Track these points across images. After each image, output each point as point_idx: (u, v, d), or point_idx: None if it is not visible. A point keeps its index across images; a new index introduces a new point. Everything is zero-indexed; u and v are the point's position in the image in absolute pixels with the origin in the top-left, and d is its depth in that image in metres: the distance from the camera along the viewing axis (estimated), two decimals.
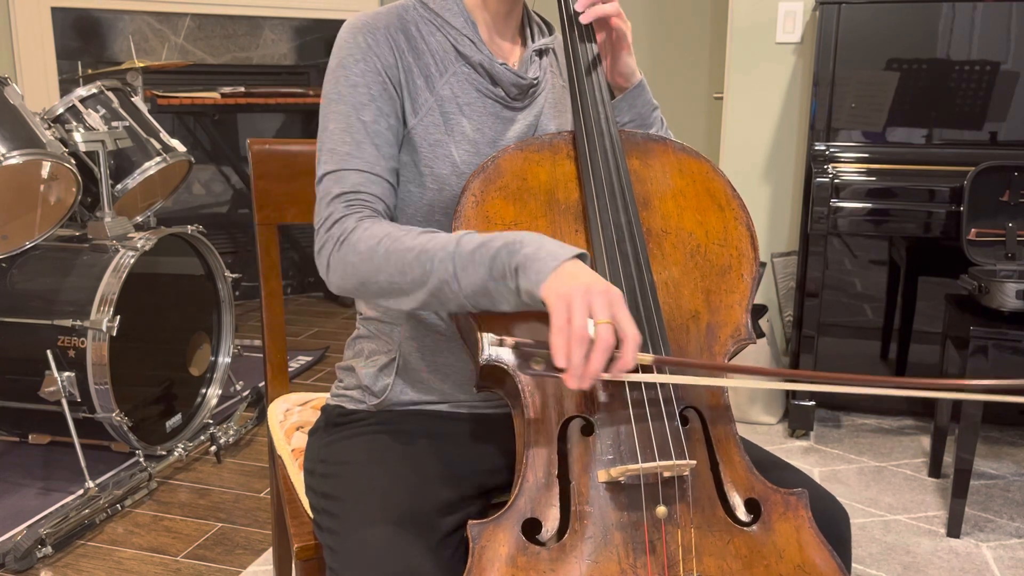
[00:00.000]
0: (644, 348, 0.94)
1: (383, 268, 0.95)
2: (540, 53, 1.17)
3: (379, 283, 0.96)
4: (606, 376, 0.86)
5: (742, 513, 0.95)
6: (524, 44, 1.18)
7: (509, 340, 0.89)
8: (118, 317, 2.18)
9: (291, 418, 1.39)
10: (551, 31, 1.22)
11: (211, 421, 2.61)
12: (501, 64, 1.10)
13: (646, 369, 0.91)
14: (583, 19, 1.08)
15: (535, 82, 1.14)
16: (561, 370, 0.85)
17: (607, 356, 0.84)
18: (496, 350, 0.93)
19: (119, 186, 2.53)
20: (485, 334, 0.90)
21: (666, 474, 0.91)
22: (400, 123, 1.07)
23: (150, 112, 2.71)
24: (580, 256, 0.89)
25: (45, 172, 2.25)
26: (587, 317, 0.84)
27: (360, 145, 1.04)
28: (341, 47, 1.07)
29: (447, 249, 0.91)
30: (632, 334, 0.85)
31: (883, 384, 0.89)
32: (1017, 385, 0.84)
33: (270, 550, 2.00)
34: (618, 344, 0.85)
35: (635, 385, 0.93)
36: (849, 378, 0.88)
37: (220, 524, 2.13)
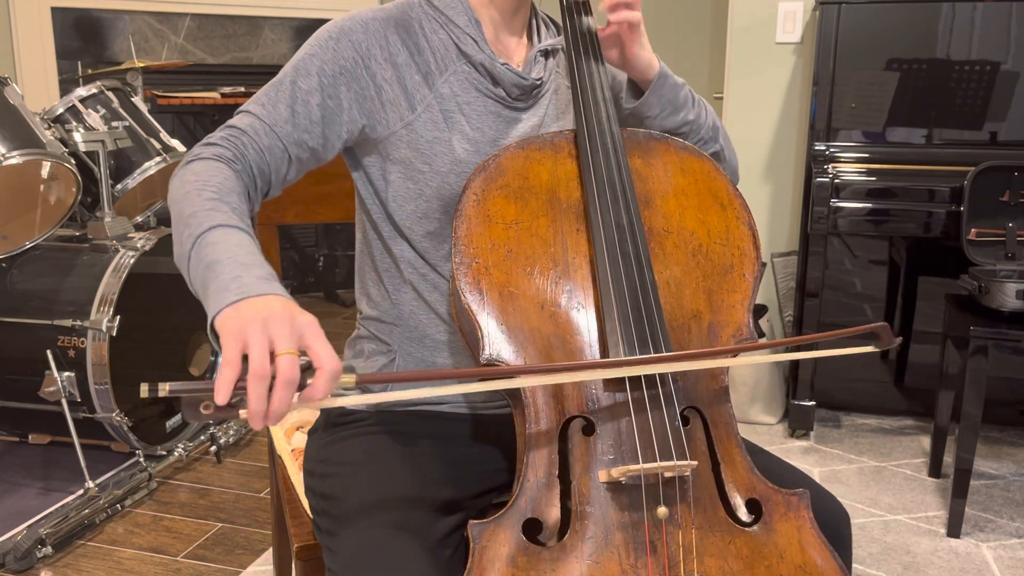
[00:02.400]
0: (644, 347, 0.93)
1: (175, 204, 0.95)
2: (546, 53, 1.17)
3: (172, 218, 0.95)
4: (295, 408, 0.77)
5: (743, 513, 0.95)
6: (531, 43, 1.18)
7: (164, 388, 0.75)
8: (118, 317, 2.18)
9: (291, 418, 1.38)
10: (559, 31, 1.21)
11: (211, 421, 2.60)
12: (503, 64, 1.10)
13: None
14: (611, 18, 1.07)
15: (538, 83, 1.13)
16: (236, 408, 0.75)
17: (291, 390, 0.75)
18: (489, 338, 0.92)
19: (119, 186, 2.53)
20: (144, 387, 0.77)
21: (667, 474, 0.91)
22: (341, 109, 1.06)
23: (150, 112, 2.70)
24: (276, 294, 0.81)
25: (45, 172, 2.25)
26: (266, 350, 0.75)
27: (277, 103, 1.05)
28: (333, 23, 1.08)
29: (201, 227, 0.89)
30: (328, 363, 0.77)
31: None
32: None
33: (270, 550, 1.99)
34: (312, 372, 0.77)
35: (636, 385, 0.93)
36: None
37: (220, 524, 2.13)
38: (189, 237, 0.89)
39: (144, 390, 0.75)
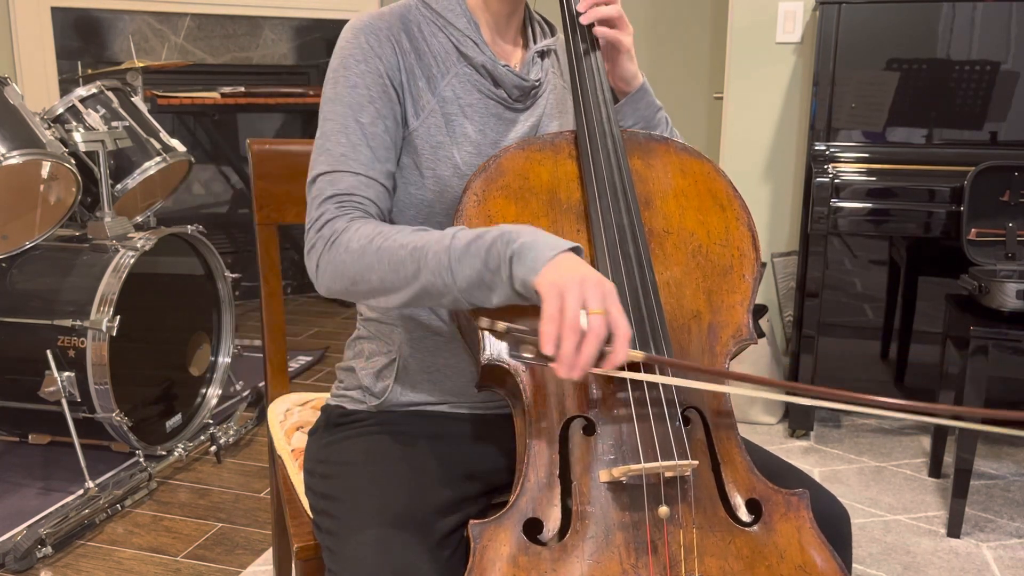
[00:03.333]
0: (644, 347, 0.94)
1: (375, 265, 0.95)
2: (542, 54, 1.17)
3: (370, 281, 0.96)
4: (596, 370, 0.85)
5: (743, 513, 0.95)
6: (526, 45, 1.18)
7: (501, 324, 0.88)
8: (118, 317, 2.18)
9: (291, 418, 1.38)
10: (553, 32, 1.21)
11: (211, 421, 2.60)
12: (504, 66, 1.10)
13: (636, 367, 0.91)
14: (583, 20, 1.08)
15: (537, 84, 1.14)
16: (551, 359, 0.84)
17: (598, 347, 0.84)
18: (489, 338, 0.93)
19: (119, 186, 2.53)
20: (481, 318, 0.89)
21: (668, 474, 0.91)
22: (399, 126, 1.07)
23: (150, 112, 2.70)
24: (575, 249, 0.88)
25: (45, 172, 2.25)
26: (580, 307, 0.83)
27: (356, 147, 1.03)
28: (343, 47, 1.07)
29: (442, 243, 0.91)
30: (624, 328, 0.85)
31: (878, 404, 0.88)
32: (1010, 415, 0.86)
33: (270, 550, 1.99)
34: (609, 339, 0.85)
35: (637, 385, 0.93)
36: (844, 395, 0.88)
37: (220, 524, 2.13)
38: (436, 254, 0.90)
39: (484, 323, 0.89)
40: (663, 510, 0.89)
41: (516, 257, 0.87)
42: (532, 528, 0.89)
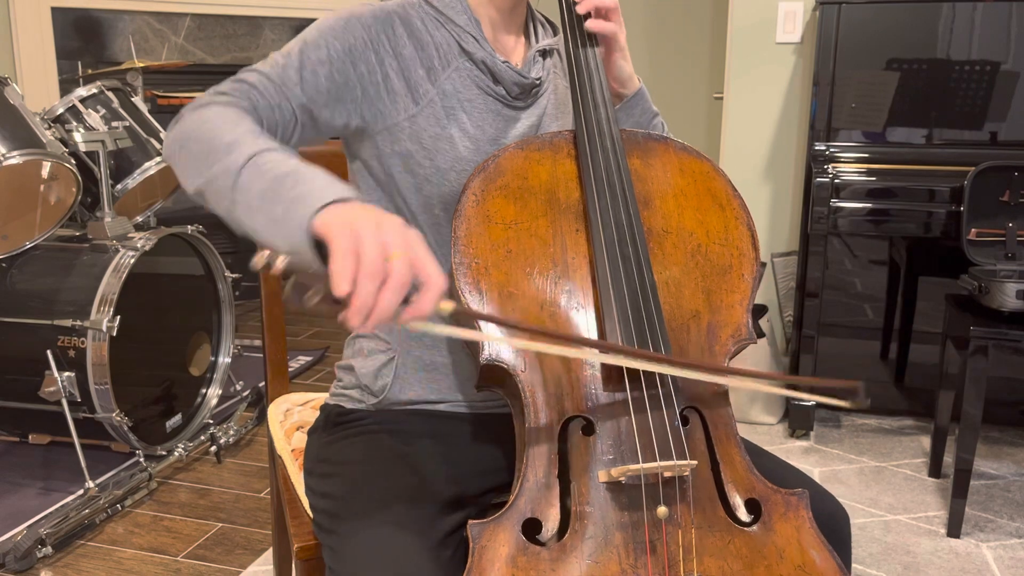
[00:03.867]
0: (643, 347, 0.94)
1: (198, 140, 0.92)
2: (544, 54, 1.17)
3: (185, 152, 0.92)
4: (396, 322, 0.75)
5: (743, 513, 0.95)
6: (528, 43, 1.18)
7: (281, 260, 0.75)
8: (118, 317, 2.18)
9: (291, 418, 1.38)
10: (556, 31, 1.21)
11: (211, 421, 2.61)
12: (504, 62, 1.10)
13: (452, 319, 0.81)
14: (579, 8, 1.08)
15: (537, 82, 1.14)
16: (341, 303, 0.73)
17: (401, 293, 0.74)
18: (496, 344, 0.91)
19: (119, 186, 2.53)
20: (259, 255, 0.77)
21: (667, 474, 0.91)
22: (345, 88, 1.05)
23: (150, 112, 2.71)
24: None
25: (45, 172, 2.25)
26: (379, 250, 0.73)
27: (287, 68, 1.03)
28: (328, 17, 1.08)
29: (253, 147, 0.87)
30: (435, 276, 0.76)
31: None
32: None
33: (270, 550, 1.99)
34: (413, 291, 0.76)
35: (636, 385, 0.93)
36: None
37: (220, 524, 2.13)
38: (237, 158, 0.85)
39: (260, 260, 0.75)
40: (662, 510, 0.89)
41: (298, 199, 0.79)
42: (531, 528, 0.89)
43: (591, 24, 1.08)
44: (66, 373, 2.20)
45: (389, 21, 1.08)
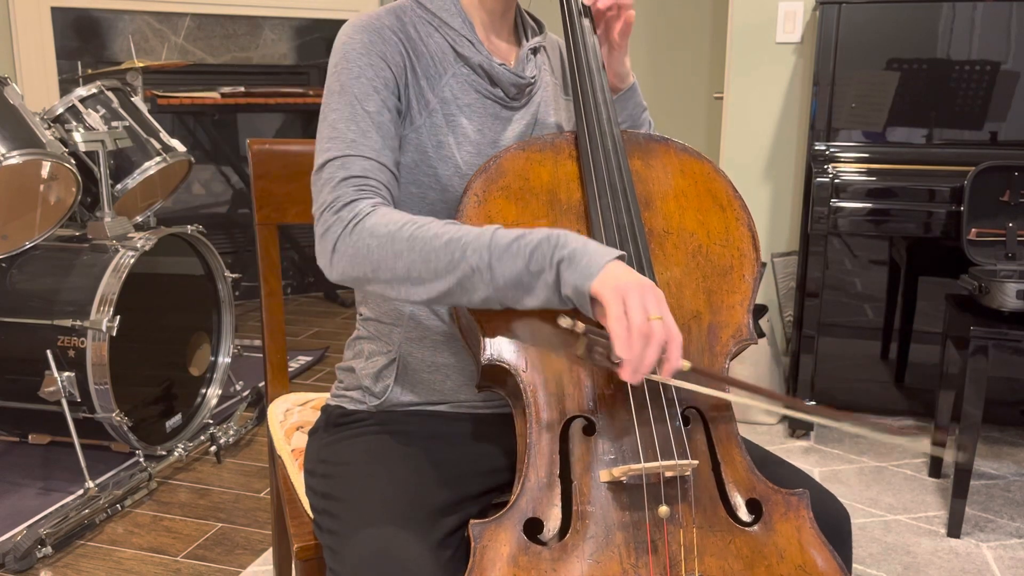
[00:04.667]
0: None
1: (404, 253, 0.92)
2: (535, 51, 1.18)
3: (395, 269, 0.93)
4: (655, 377, 0.87)
5: (743, 513, 0.95)
6: (519, 43, 1.18)
7: (580, 325, 0.88)
8: (118, 317, 2.18)
9: (291, 418, 1.38)
10: (542, 29, 1.22)
11: (211, 421, 2.61)
12: (500, 64, 1.10)
13: (681, 375, 0.91)
14: (601, 4, 1.08)
15: (533, 81, 1.14)
16: (617, 364, 0.85)
17: (660, 352, 0.85)
18: (489, 339, 0.93)
19: (119, 186, 2.53)
20: (563, 317, 0.89)
21: (668, 474, 0.91)
22: (400, 118, 1.06)
23: (150, 112, 2.70)
24: (622, 257, 0.89)
25: (45, 172, 2.25)
26: (644, 314, 0.84)
27: (366, 133, 1.01)
28: (344, 43, 1.07)
29: (481, 239, 0.90)
30: (678, 335, 0.87)
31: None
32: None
33: (270, 550, 2.00)
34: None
35: (638, 384, 0.93)
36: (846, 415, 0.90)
37: (220, 524, 2.13)
38: (476, 250, 0.89)
39: (565, 322, 0.88)
40: (663, 510, 0.89)
41: (566, 262, 0.87)
42: (532, 528, 0.89)
43: (604, 7, 1.09)
44: (66, 373, 2.20)
45: (393, 37, 1.07)
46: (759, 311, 2.89)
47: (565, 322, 0.88)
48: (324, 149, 1.02)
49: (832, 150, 2.60)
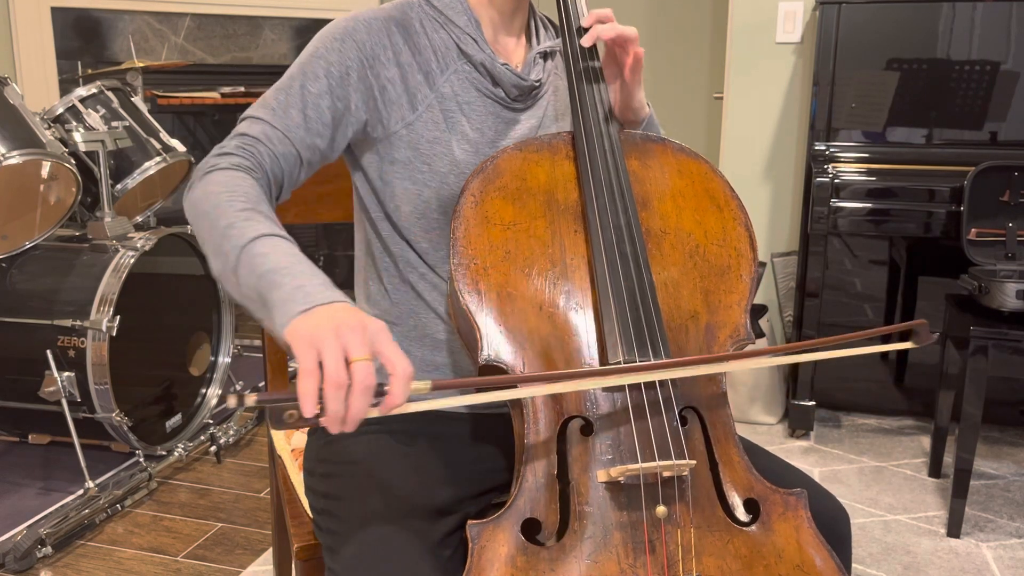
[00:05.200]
0: (641, 348, 0.94)
1: (206, 215, 0.93)
2: (545, 55, 1.17)
3: (199, 228, 0.94)
4: (375, 413, 0.78)
5: (741, 513, 0.95)
6: (530, 45, 1.18)
7: (250, 398, 0.76)
8: (118, 317, 2.18)
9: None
10: (558, 33, 1.21)
11: (211, 421, 2.61)
12: (503, 64, 1.10)
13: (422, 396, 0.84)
14: (605, 37, 1.05)
15: (536, 85, 1.14)
16: (317, 418, 0.76)
17: (368, 396, 0.76)
18: (488, 338, 0.91)
19: (119, 186, 2.53)
20: (230, 398, 0.78)
21: (666, 474, 0.91)
22: (352, 113, 1.06)
23: (150, 112, 2.71)
24: (341, 302, 0.82)
25: (45, 172, 2.25)
26: (341, 358, 0.76)
27: (288, 108, 1.03)
28: (328, 28, 1.08)
29: (242, 240, 0.88)
30: (401, 366, 0.78)
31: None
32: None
33: (270, 550, 2.00)
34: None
35: (634, 385, 0.93)
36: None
37: (220, 524, 2.13)
38: (233, 248, 0.88)
39: (232, 401, 0.77)
40: (661, 510, 0.89)
41: (274, 307, 0.82)
42: (530, 528, 0.89)
43: (616, 51, 1.06)
44: (66, 373, 2.20)
45: (386, 29, 1.08)
46: (759, 311, 2.90)
47: (231, 401, 0.78)
48: (253, 106, 1.06)
49: (832, 150, 2.59)
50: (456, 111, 1.09)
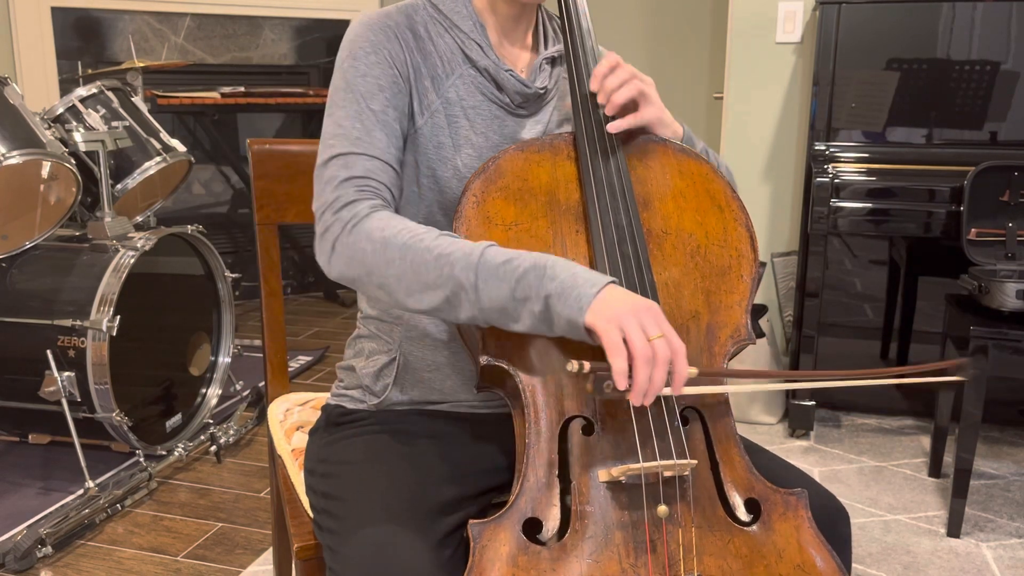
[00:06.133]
0: None
1: (396, 261, 0.93)
2: (553, 61, 1.16)
3: (387, 276, 0.94)
4: (667, 391, 0.87)
5: (742, 513, 0.95)
6: (537, 50, 1.17)
7: (586, 365, 0.87)
8: (118, 317, 2.18)
9: (291, 418, 1.39)
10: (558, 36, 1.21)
11: (211, 421, 2.61)
12: (507, 70, 1.10)
13: (690, 381, 0.92)
14: (617, 98, 1.04)
15: (542, 91, 1.13)
16: (625, 392, 0.86)
17: (667, 369, 0.86)
18: (495, 346, 0.92)
19: (119, 186, 2.53)
20: (571, 362, 0.88)
21: (667, 474, 0.91)
22: (406, 117, 1.07)
23: (150, 112, 2.71)
24: (613, 281, 0.89)
25: (45, 172, 2.25)
26: (643, 337, 0.84)
27: (371, 132, 1.02)
28: (352, 40, 1.07)
29: (470, 258, 0.90)
30: (681, 346, 0.87)
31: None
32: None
33: (270, 550, 2.00)
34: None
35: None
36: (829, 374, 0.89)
37: (220, 524, 2.13)
38: (463, 269, 0.90)
39: (573, 366, 0.87)
40: (662, 509, 0.89)
41: (556, 297, 0.87)
42: (531, 528, 0.89)
43: (618, 125, 1.05)
44: (66, 373, 2.20)
45: (398, 33, 1.07)
46: (759, 311, 2.90)
47: (572, 367, 0.87)
48: (329, 145, 1.02)
49: (832, 150, 2.60)
50: (460, 116, 1.09)
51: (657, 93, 1.09)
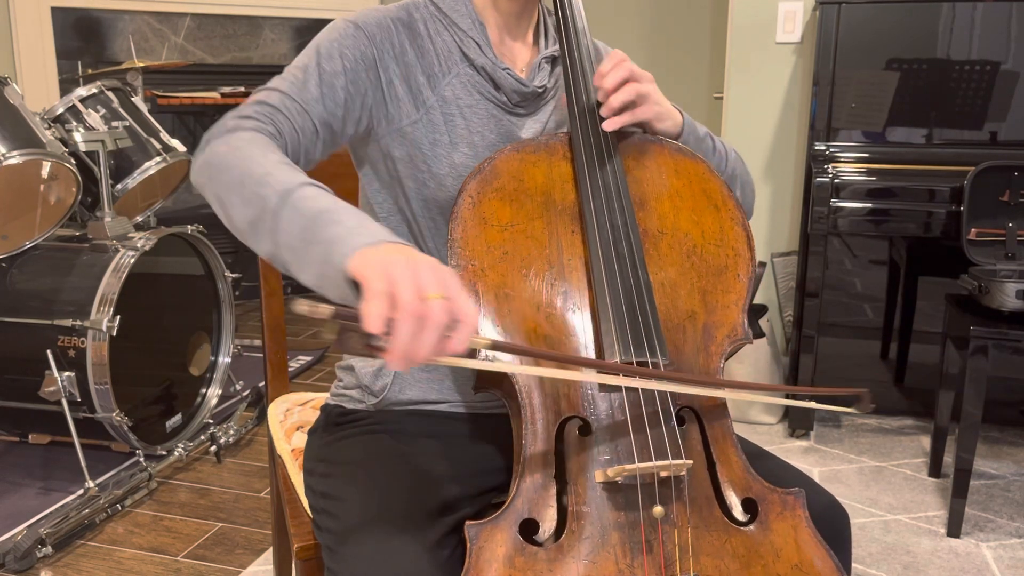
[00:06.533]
0: (638, 349, 0.94)
1: (233, 170, 0.90)
2: (552, 60, 1.16)
3: (220, 184, 0.91)
4: (435, 360, 0.75)
5: (739, 513, 0.95)
6: (537, 49, 1.17)
7: (324, 308, 0.72)
8: (118, 317, 2.18)
9: (291, 418, 1.39)
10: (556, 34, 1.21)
11: (211, 421, 2.61)
12: (505, 69, 1.10)
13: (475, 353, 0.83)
14: (615, 101, 1.04)
15: (539, 91, 1.13)
16: (382, 348, 0.73)
17: (439, 334, 0.73)
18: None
19: (119, 186, 2.54)
20: (300, 303, 0.74)
21: (663, 474, 0.91)
22: (359, 97, 1.05)
23: (150, 112, 2.71)
24: (408, 246, 0.80)
25: (45, 172, 2.25)
26: (415, 291, 0.72)
27: (307, 83, 1.03)
28: (335, 24, 1.08)
29: (287, 185, 0.86)
30: (471, 315, 0.75)
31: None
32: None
33: (270, 550, 2.00)
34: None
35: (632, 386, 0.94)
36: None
37: (220, 524, 2.14)
38: (274, 193, 0.84)
39: (304, 307, 0.72)
40: (658, 510, 0.89)
41: (335, 242, 0.78)
42: (528, 528, 0.89)
43: (615, 123, 1.04)
44: (66, 373, 2.20)
45: (392, 28, 1.07)
46: (759, 311, 2.89)
47: (302, 308, 0.72)
48: (270, 80, 1.04)
49: (832, 150, 2.59)
50: (456, 114, 1.08)
51: (656, 86, 1.09)
